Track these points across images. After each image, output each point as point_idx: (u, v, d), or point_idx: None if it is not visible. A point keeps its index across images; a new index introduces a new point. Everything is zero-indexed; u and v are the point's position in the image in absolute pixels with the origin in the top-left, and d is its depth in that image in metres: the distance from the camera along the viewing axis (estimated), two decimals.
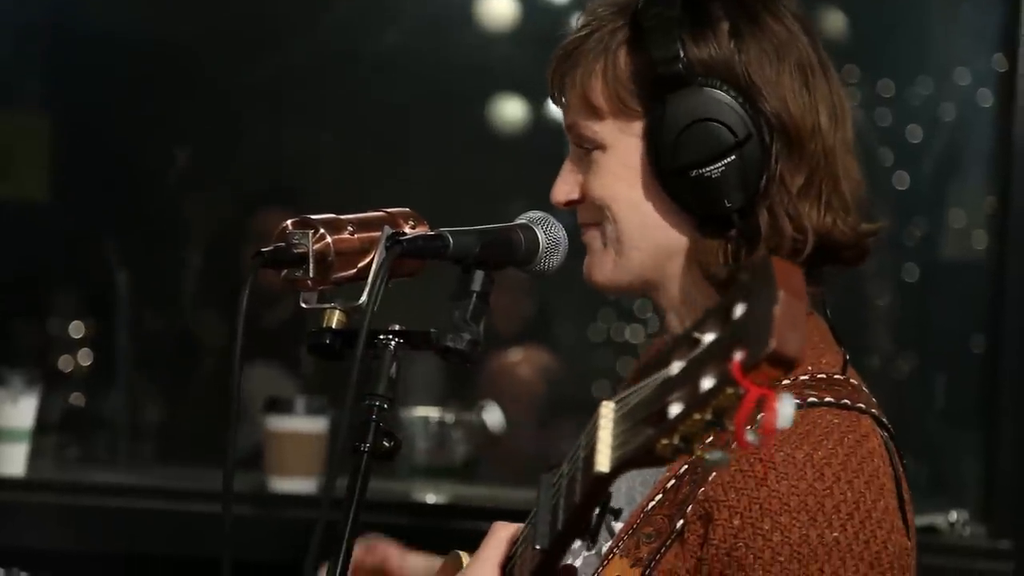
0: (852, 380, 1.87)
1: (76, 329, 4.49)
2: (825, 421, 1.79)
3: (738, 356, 1.28)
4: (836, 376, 1.85)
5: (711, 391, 1.31)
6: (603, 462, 1.43)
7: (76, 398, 4.38)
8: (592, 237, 1.94)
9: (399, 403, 3.78)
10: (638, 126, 1.88)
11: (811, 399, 1.81)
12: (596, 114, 1.91)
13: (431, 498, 3.45)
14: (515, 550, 1.76)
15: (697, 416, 1.32)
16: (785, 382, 1.82)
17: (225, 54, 4.64)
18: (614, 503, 1.82)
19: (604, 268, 1.94)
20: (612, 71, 1.90)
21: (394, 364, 1.88)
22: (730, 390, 1.30)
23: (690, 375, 1.33)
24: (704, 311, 1.36)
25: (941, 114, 4.08)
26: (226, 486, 1.82)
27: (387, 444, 1.86)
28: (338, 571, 1.81)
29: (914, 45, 4.14)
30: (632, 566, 1.78)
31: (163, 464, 4.18)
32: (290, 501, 3.33)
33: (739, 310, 1.31)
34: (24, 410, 3.47)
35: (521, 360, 4.33)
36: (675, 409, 1.33)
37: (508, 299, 4.49)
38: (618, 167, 1.90)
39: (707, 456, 1.35)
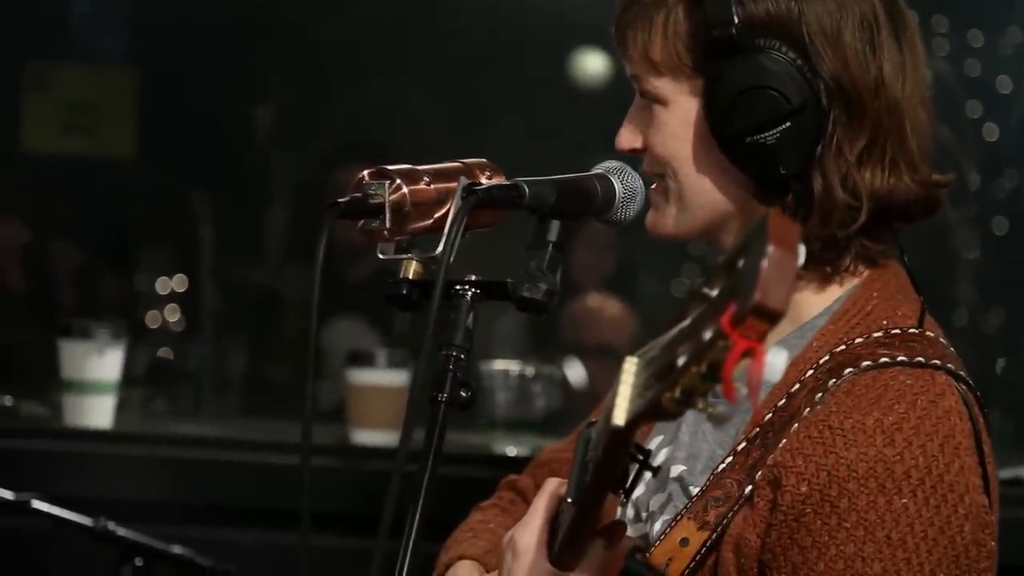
0: (928, 332, 1.84)
1: (163, 285, 4.54)
2: (897, 383, 1.77)
3: (729, 309, 1.31)
4: (911, 330, 1.83)
5: (707, 344, 1.33)
6: (620, 416, 1.46)
7: (163, 352, 4.44)
8: (656, 192, 1.93)
9: (481, 356, 3.82)
10: (697, 85, 1.86)
11: (883, 359, 1.79)
12: (656, 69, 1.89)
13: (512, 451, 3.45)
14: (561, 506, 1.77)
15: (694, 369, 1.34)
16: (859, 340, 1.81)
17: (307, 8, 4.65)
18: (692, 459, 1.83)
19: (666, 222, 1.93)
20: (671, 27, 1.87)
21: (471, 314, 1.88)
22: (721, 342, 1.31)
23: (696, 328, 1.35)
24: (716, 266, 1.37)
25: None
26: (305, 437, 1.83)
27: (464, 394, 1.86)
28: (415, 523, 1.81)
29: None
30: (699, 529, 1.78)
31: (248, 417, 4.22)
32: (372, 453, 3.36)
33: (740, 264, 1.33)
34: (110, 363, 3.51)
35: (601, 305, 4.34)
36: (680, 361, 1.35)
37: (591, 254, 4.48)
38: (677, 125, 1.89)
39: (710, 411, 1.36)
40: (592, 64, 4.56)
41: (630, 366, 1.46)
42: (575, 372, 4.19)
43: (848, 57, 1.83)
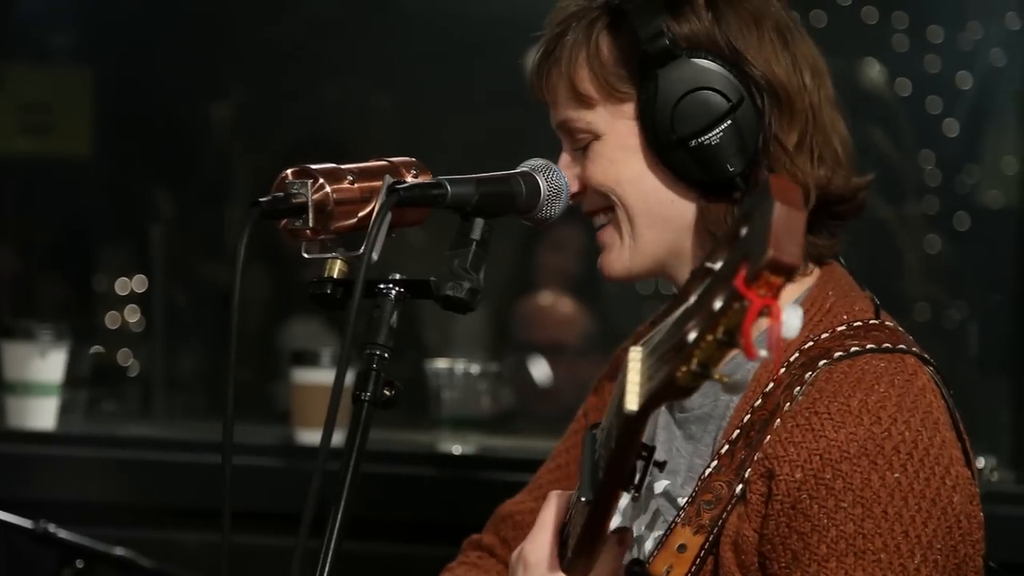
0: (887, 323, 1.89)
1: (122, 286, 4.51)
2: (872, 367, 1.81)
3: (742, 270, 1.31)
4: (872, 322, 1.88)
5: (721, 310, 1.33)
6: (632, 400, 1.45)
7: (113, 354, 4.41)
8: (604, 234, 1.96)
9: (439, 353, 3.80)
10: (630, 108, 1.91)
11: (854, 348, 1.83)
12: (586, 103, 1.94)
13: (457, 449, 3.44)
14: (569, 513, 1.78)
15: (710, 337, 1.34)
16: (825, 335, 1.85)
17: (262, 3, 4.64)
18: (672, 474, 1.83)
19: (621, 258, 1.96)
20: (597, 58, 1.92)
21: (395, 313, 1.88)
22: (736, 305, 1.32)
23: (704, 301, 1.35)
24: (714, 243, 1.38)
25: (991, 60, 4.03)
26: (225, 436, 1.82)
27: (388, 393, 1.87)
28: (337, 522, 1.80)
29: None
30: (695, 533, 1.80)
31: (198, 418, 4.20)
32: (316, 453, 3.33)
33: (743, 231, 1.34)
34: (53, 364, 3.48)
35: (554, 303, 4.32)
36: (692, 336, 1.35)
37: (559, 258, 4.47)
38: (615, 151, 1.92)
39: (725, 380, 1.37)
40: None
41: (635, 354, 1.47)
42: (539, 370, 4.18)
43: (771, 61, 1.89)
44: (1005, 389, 3.80)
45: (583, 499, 1.66)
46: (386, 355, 1.86)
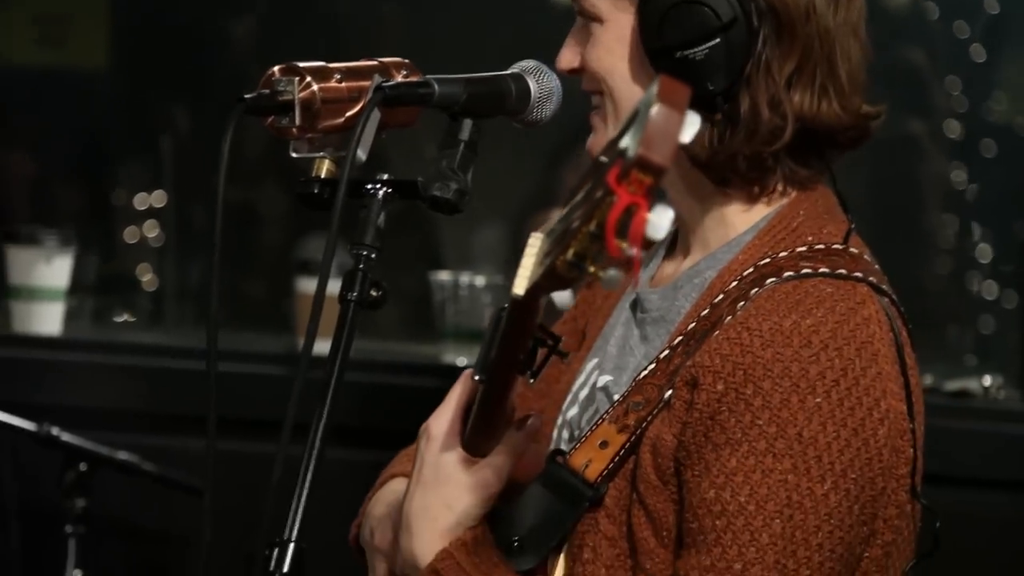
0: (852, 249, 1.86)
1: (140, 200, 4.52)
2: (818, 291, 1.79)
3: (616, 167, 1.34)
4: (835, 246, 1.85)
5: (595, 203, 1.35)
6: (520, 285, 1.48)
7: (131, 268, 4.42)
8: (595, 116, 1.95)
9: (460, 267, 3.79)
10: (633, 1, 1.87)
11: (805, 270, 1.81)
12: None
13: (461, 361, 3.45)
14: (475, 392, 1.79)
15: (584, 229, 1.35)
16: (783, 253, 1.83)
17: None
18: (618, 371, 1.84)
19: (603, 144, 1.93)
20: None
21: (382, 214, 1.87)
22: (608, 199, 1.34)
23: (589, 193, 1.37)
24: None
25: None
26: (210, 342, 1.83)
27: (374, 294, 1.86)
28: (321, 426, 1.81)
29: None
30: (619, 432, 1.79)
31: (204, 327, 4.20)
32: (320, 362, 3.34)
33: (628, 128, 1.38)
34: (58, 270, 3.50)
35: None
36: (573, 226, 1.37)
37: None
38: (612, 41, 1.89)
39: (601, 275, 1.37)
40: None
41: (534, 240, 1.48)
42: (562, 295, 4.16)
43: None
44: (1017, 311, 3.79)
45: (476, 377, 1.71)
46: (372, 255, 1.85)
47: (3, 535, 3.51)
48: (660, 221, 1.35)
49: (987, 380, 3.35)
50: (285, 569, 1.70)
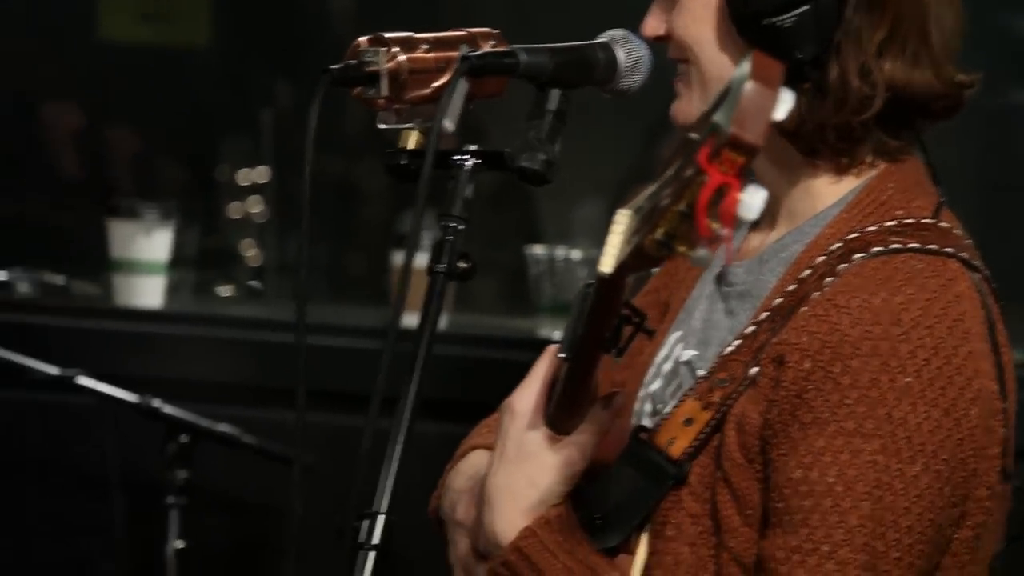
0: (943, 224, 1.82)
1: (244, 176, 4.56)
2: (908, 267, 1.75)
3: (707, 146, 1.32)
4: (925, 220, 1.81)
5: (686, 181, 1.32)
6: (607, 263, 1.45)
7: (235, 243, 4.46)
8: (679, 82, 1.92)
9: (559, 241, 3.79)
10: None
11: (894, 245, 1.77)
12: None
13: (557, 335, 3.44)
14: (559, 368, 1.77)
15: (674, 208, 1.33)
16: (871, 228, 1.79)
17: None
18: (702, 345, 1.82)
19: (689, 111, 1.91)
20: None
21: (470, 185, 1.87)
22: (699, 178, 1.31)
23: (679, 171, 1.35)
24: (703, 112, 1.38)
25: None
26: (300, 315, 1.83)
27: (463, 265, 1.86)
28: (412, 399, 1.81)
29: None
30: (704, 409, 1.76)
31: (313, 303, 4.24)
32: (416, 335, 3.35)
33: (720, 105, 1.35)
34: (159, 243, 3.54)
35: None
36: (662, 205, 1.35)
37: None
38: (698, 7, 1.86)
39: (691, 254, 1.35)
40: None
41: (621, 217, 1.46)
42: None
43: None
44: None
45: (560, 355, 1.69)
46: (460, 227, 1.85)
47: (106, 506, 3.56)
48: (752, 201, 1.33)
49: None
50: (375, 541, 1.70)
